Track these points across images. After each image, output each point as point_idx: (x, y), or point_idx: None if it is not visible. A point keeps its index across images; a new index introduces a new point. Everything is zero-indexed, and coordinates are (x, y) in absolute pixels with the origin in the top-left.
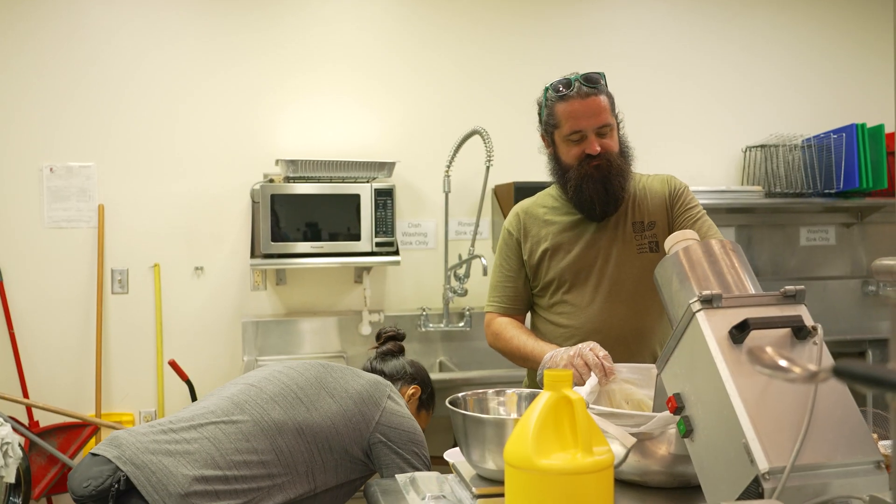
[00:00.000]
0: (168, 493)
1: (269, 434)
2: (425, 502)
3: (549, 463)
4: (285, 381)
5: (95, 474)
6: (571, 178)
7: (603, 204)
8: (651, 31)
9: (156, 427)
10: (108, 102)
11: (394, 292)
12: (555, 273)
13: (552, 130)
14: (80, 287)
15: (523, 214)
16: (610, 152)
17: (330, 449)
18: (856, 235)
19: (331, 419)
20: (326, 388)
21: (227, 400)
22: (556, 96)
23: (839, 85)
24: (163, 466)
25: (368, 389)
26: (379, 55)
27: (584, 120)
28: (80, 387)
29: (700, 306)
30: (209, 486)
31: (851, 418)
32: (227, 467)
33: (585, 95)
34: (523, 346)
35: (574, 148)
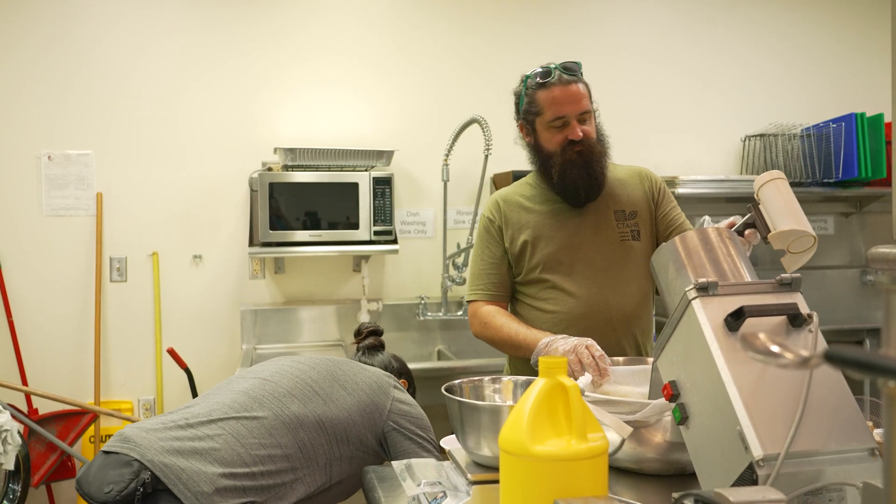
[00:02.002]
0: (199, 491)
1: (292, 428)
2: (421, 488)
3: (544, 449)
4: (299, 374)
5: (115, 478)
6: (555, 165)
7: (587, 189)
8: (650, 21)
9: (169, 423)
10: (106, 90)
11: (392, 281)
12: (539, 260)
13: (533, 118)
14: (78, 275)
15: (503, 202)
16: (590, 138)
17: (347, 440)
18: (854, 225)
19: (347, 411)
20: (339, 381)
21: (242, 394)
22: (536, 84)
23: (838, 74)
24: (189, 465)
25: (377, 380)
26: (377, 44)
27: (566, 106)
28: (79, 375)
29: (696, 294)
30: (237, 482)
31: (846, 406)
32: (252, 463)
33: (566, 83)
34: (515, 334)
35: (557, 134)
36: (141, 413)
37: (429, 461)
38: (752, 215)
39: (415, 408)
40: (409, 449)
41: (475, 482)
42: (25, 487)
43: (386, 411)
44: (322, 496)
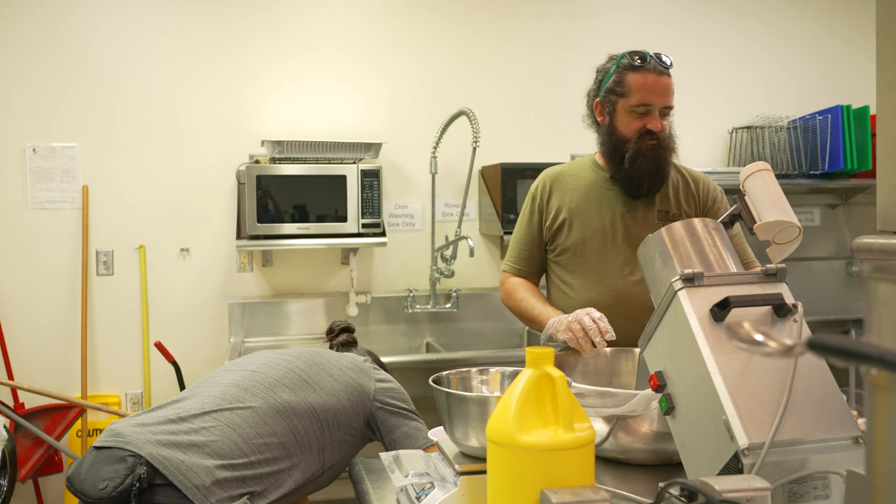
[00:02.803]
0: (199, 484)
1: (285, 416)
2: (409, 479)
3: (531, 439)
4: (286, 364)
5: (110, 474)
6: (629, 150)
7: (650, 182)
8: (638, 13)
9: (161, 418)
10: (92, 83)
11: (381, 274)
12: (574, 240)
13: (616, 99)
14: (64, 268)
15: (550, 180)
16: (666, 133)
17: (338, 425)
18: (840, 216)
19: (336, 396)
20: (324, 368)
21: (232, 386)
22: (629, 65)
23: (825, 66)
24: (186, 458)
25: (358, 364)
26: (365, 36)
27: (655, 95)
28: (66, 368)
29: (682, 284)
30: (236, 473)
31: (830, 395)
32: (250, 452)
33: (660, 73)
34: (531, 309)
35: (636, 121)
36: (128, 407)
37: (416, 452)
38: (738, 206)
39: (394, 383)
40: (397, 423)
41: (463, 473)
42: (12, 482)
43: (372, 392)
44: (317, 480)
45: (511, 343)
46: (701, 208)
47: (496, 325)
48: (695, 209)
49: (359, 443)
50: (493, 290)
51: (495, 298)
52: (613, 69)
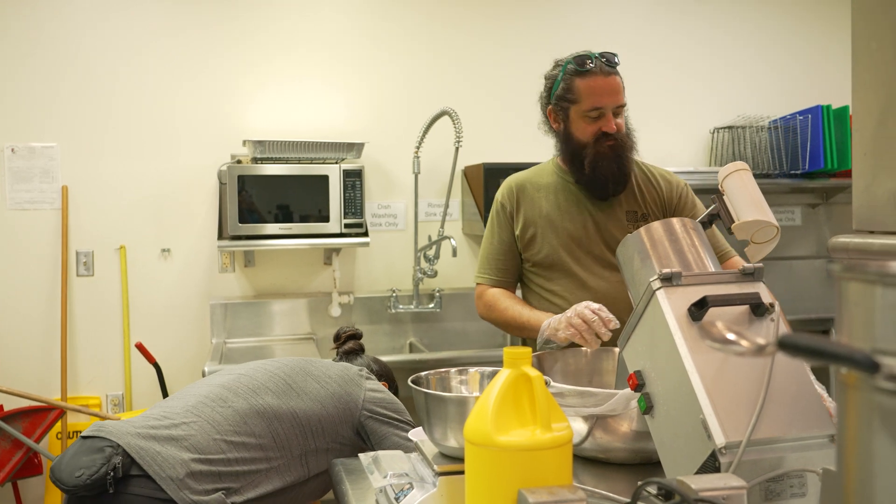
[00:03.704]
0: (172, 475)
1: (266, 418)
2: (387, 480)
3: (508, 439)
4: (273, 370)
5: (87, 463)
6: (588, 156)
7: (615, 182)
8: (620, 12)
9: (145, 415)
10: (72, 82)
11: (363, 274)
12: (550, 249)
13: (567, 106)
14: (44, 270)
15: (517, 188)
16: (622, 132)
17: (322, 432)
18: (821, 216)
19: (321, 402)
20: (311, 374)
21: (218, 387)
22: (575, 71)
23: (805, 67)
24: (163, 449)
25: (347, 373)
26: (347, 36)
27: (605, 97)
28: (46, 370)
29: (660, 284)
30: (212, 468)
31: (806, 393)
32: (227, 449)
33: (607, 73)
34: (519, 315)
35: (591, 125)
36: (109, 408)
37: (396, 453)
38: (717, 206)
39: (386, 394)
40: (388, 432)
41: (441, 473)
42: None
43: (360, 401)
44: (303, 487)
45: (494, 343)
46: (667, 204)
47: (479, 325)
48: (661, 206)
49: (349, 451)
50: None
51: None
52: (561, 76)
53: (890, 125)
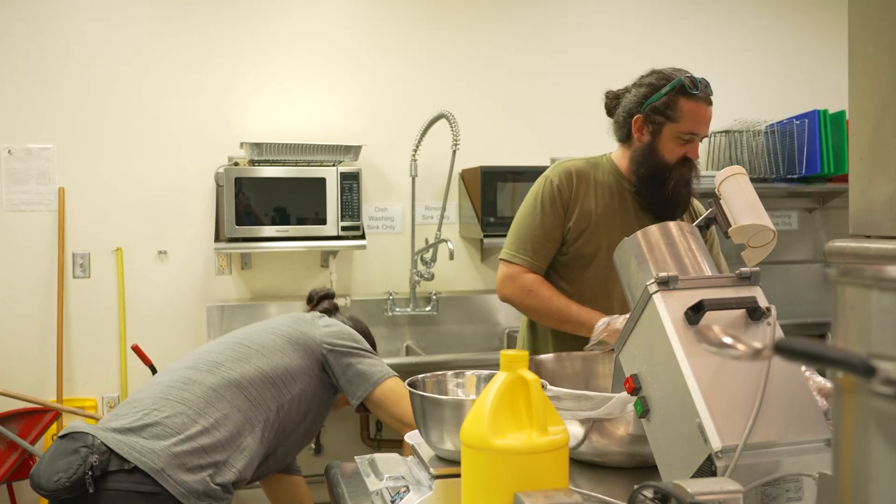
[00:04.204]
0: (152, 467)
1: (236, 385)
2: (384, 483)
3: (505, 443)
4: (228, 341)
5: (64, 466)
6: (672, 179)
7: (682, 209)
8: (618, 16)
9: (119, 415)
10: (69, 84)
11: (360, 277)
12: (594, 248)
13: (663, 121)
14: (40, 271)
15: (577, 176)
16: (697, 161)
17: (293, 379)
18: (818, 220)
19: (282, 352)
20: (264, 330)
21: (181, 371)
22: (683, 89)
23: (802, 71)
24: (139, 439)
25: (299, 317)
26: (345, 39)
27: (702, 125)
28: (42, 372)
29: (657, 288)
30: (194, 443)
31: (803, 397)
32: (205, 421)
33: (709, 103)
34: (566, 308)
35: (679, 148)
36: (104, 410)
37: (392, 456)
38: (713, 210)
39: (342, 326)
40: (349, 363)
41: (438, 476)
42: None
43: (318, 338)
44: (287, 440)
45: (491, 346)
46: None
47: (476, 328)
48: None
49: (322, 393)
50: (473, 292)
51: (475, 301)
52: (666, 90)
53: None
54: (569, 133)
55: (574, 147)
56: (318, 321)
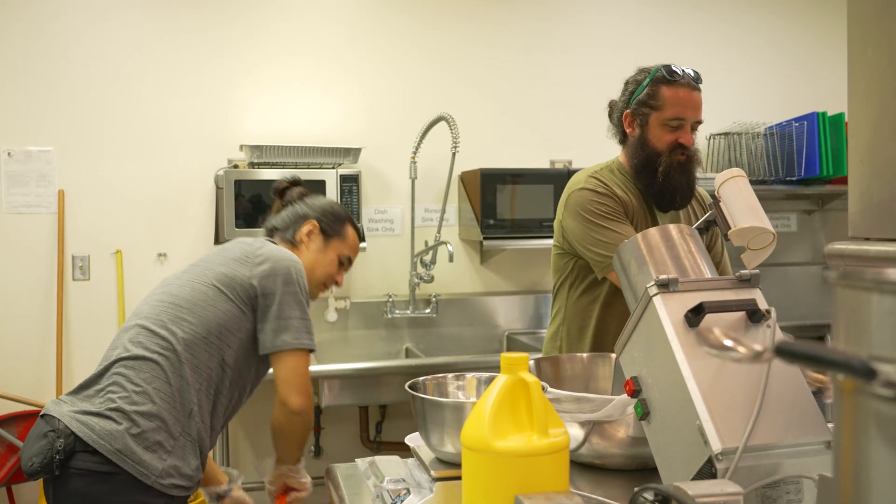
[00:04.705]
0: (115, 444)
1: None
2: (384, 485)
3: (505, 445)
4: (165, 301)
5: (37, 451)
6: (661, 164)
7: (682, 196)
8: (617, 17)
9: (81, 395)
10: (69, 86)
11: (360, 279)
12: None
13: (648, 112)
14: (39, 274)
15: (606, 182)
16: (695, 148)
17: (228, 332)
18: (817, 222)
19: (213, 303)
20: (198, 277)
21: (124, 346)
22: (663, 78)
23: (801, 73)
24: (98, 421)
25: (239, 249)
26: (345, 41)
27: (688, 110)
28: (41, 374)
29: (657, 290)
30: (150, 423)
31: (802, 400)
32: (153, 397)
33: (692, 88)
34: None
35: (669, 134)
36: None
37: (393, 458)
38: (713, 213)
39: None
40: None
41: (438, 479)
42: None
43: (248, 280)
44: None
45: (490, 348)
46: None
47: (475, 331)
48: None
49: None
50: (472, 295)
51: (475, 303)
52: (647, 82)
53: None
54: (568, 135)
55: (574, 149)
56: (255, 257)
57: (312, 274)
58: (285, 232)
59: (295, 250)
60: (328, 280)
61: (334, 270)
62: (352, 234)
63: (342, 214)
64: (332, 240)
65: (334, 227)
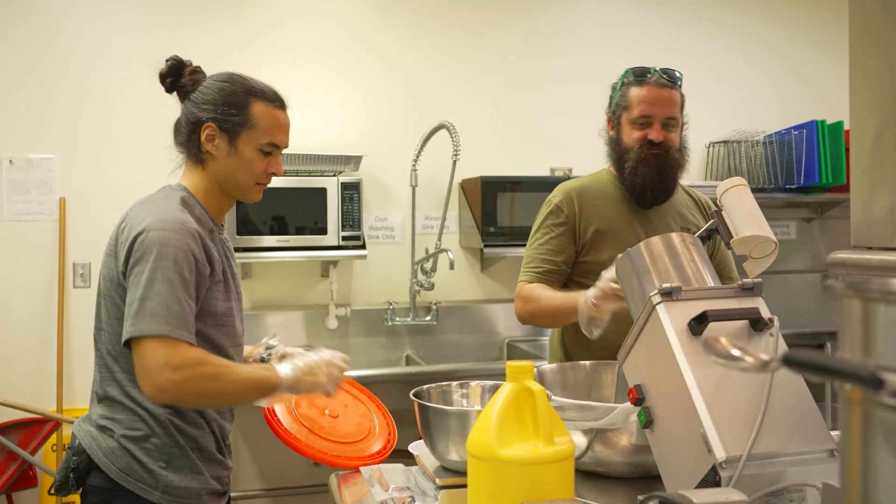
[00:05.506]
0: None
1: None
2: (389, 494)
3: (511, 453)
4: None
5: (60, 469)
6: (629, 160)
7: (654, 191)
8: (617, 25)
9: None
10: (70, 94)
11: (360, 286)
12: (607, 258)
13: (620, 112)
14: (40, 281)
15: (575, 193)
16: (671, 144)
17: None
18: (816, 230)
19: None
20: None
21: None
22: (632, 80)
23: (800, 82)
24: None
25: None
26: (346, 49)
27: (654, 107)
28: (42, 382)
29: (660, 298)
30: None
31: (806, 408)
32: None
33: (661, 86)
34: (551, 300)
35: (637, 132)
36: None
37: (398, 466)
38: (715, 221)
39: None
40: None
41: (443, 487)
42: None
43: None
44: None
45: (491, 356)
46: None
47: (476, 338)
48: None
49: None
50: (473, 302)
51: (475, 311)
52: (619, 85)
53: (886, 142)
54: (569, 143)
55: (574, 157)
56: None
57: (236, 182)
58: (188, 149)
59: (204, 169)
60: (259, 178)
61: (260, 166)
62: (261, 110)
63: (239, 92)
64: (240, 135)
65: (235, 117)
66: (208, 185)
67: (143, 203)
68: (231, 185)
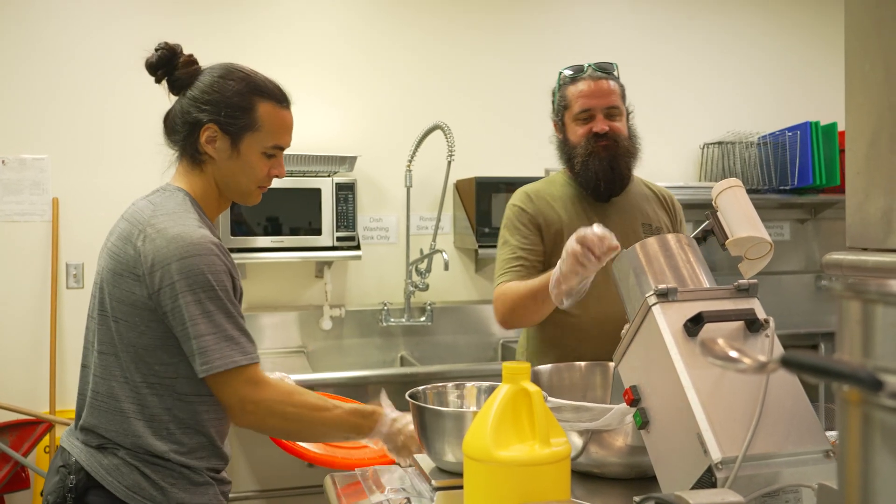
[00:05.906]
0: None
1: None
2: (385, 495)
3: (507, 454)
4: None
5: (51, 488)
6: (578, 156)
7: (608, 182)
8: (612, 28)
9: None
10: (63, 94)
11: (355, 287)
12: None
13: (563, 112)
14: (33, 282)
15: (534, 195)
16: (618, 134)
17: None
18: (810, 231)
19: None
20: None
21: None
22: (568, 79)
23: (794, 83)
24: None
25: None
26: (341, 50)
27: (593, 99)
28: (34, 383)
29: (656, 300)
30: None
31: (801, 409)
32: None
33: (596, 78)
34: (528, 286)
35: (582, 127)
36: None
37: (392, 468)
38: (711, 222)
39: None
40: (178, 310)
41: (439, 488)
42: None
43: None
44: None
45: (485, 356)
46: (673, 220)
47: (470, 339)
48: (670, 222)
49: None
50: (467, 303)
51: (470, 312)
52: (557, 87)
53: (882, 145)
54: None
55: None
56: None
57: (237, 185)
58: (184, 149)
59: (202, 171)
60: (261, 182)
61: (263, 170)
62: (267, 111)
63: (244, 92)
64: (243, 137)
65: (239, 120)
66: (206, 188)
67: (154, 211)
68: (231, 188)
